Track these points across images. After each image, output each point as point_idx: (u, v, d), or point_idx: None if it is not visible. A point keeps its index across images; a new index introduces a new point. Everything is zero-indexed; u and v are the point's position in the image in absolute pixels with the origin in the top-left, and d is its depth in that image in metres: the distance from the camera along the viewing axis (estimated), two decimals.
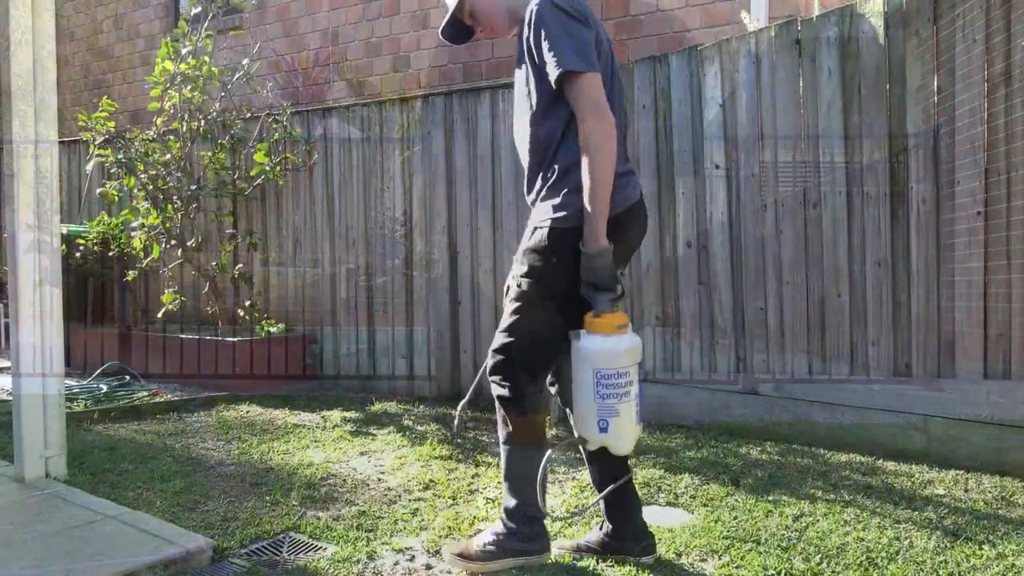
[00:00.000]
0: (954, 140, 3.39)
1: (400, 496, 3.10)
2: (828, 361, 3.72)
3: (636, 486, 3.13)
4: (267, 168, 5.40)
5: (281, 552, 2.56)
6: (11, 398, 3.27)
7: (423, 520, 2.82)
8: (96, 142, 5.38)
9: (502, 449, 2.42)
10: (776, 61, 3.79)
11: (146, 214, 5.41)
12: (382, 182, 5.12)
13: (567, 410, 2.49)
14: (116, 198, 5.71)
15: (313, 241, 5.45)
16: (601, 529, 2.51)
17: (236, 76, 5.45)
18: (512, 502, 2.39)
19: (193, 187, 5.41)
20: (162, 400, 4.79)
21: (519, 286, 2.31)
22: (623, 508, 2.47)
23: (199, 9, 5.40)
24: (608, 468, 2.43)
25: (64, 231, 5.55)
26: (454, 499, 3.05)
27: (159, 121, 5.47)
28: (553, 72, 2.15)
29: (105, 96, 5.97)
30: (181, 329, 5.73)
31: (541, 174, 2.30)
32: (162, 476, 3.32)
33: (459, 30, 2.52)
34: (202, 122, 5.35)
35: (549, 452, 2.34)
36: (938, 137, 3.44)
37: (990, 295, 3.34)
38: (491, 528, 2.45)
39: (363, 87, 7.25)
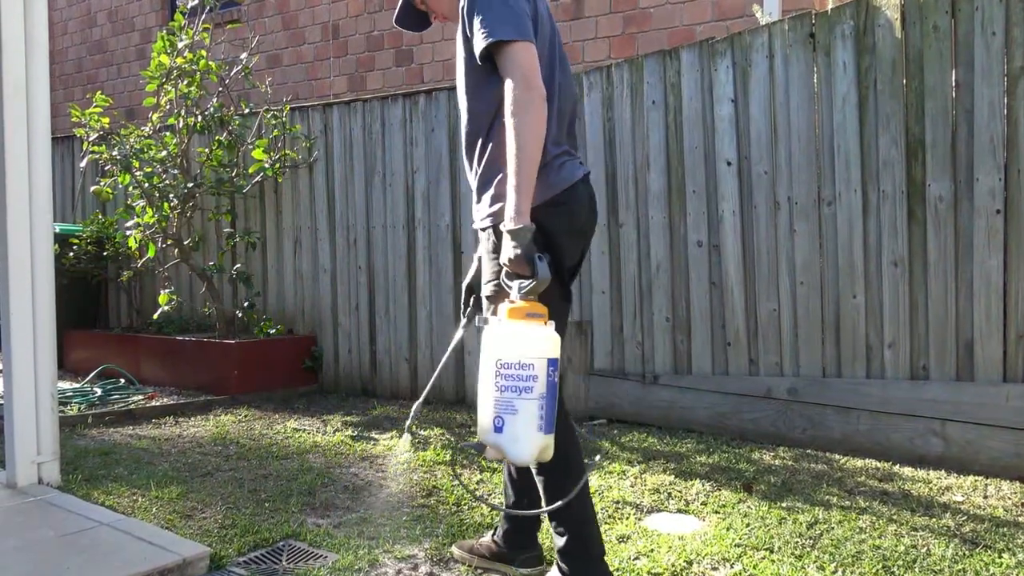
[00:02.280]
0: (972, 136, 3.33)
1: (403, 502, 3.04)
2: (843, 363, 3.65)
3: (646, 492, 3.08)
4: (266, 165, 5.32)
5: (280, 560, 2.50)
6: (2, 402, 3.20)
7: (426, 527, 2.76)
8: (90, 139, 5.29)
9: (538, 481, 2.18)
10: (790, 55, 3.72)
11: (141, 212, 5.32)
12: (384, 179, 5.04)
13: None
14: (111, 196, 5.62)
15: (313, 240, 5.37)
16: (494, 534, 2.45)
17: (234, 71, 5.37)
18: (561, 541, 2.17)
19: (190, 185, 5.32)
20: (158, 404, 4.72)
21: (487, 297, 2.14)
22: (524, 523, 2.39)
23: (196, 2, 5.32)
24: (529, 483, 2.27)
25: (57, 230, 5.46)
26: (458, 506, 2.99)
27: (155, 117, 5.38)
28: (481, 44, 2.00)
29: (99, 91, 5.88)
30: (178, 331, 5.66)
31: (479, 145, 2.16)
32: (158, 482, 3.26)
33: (416, 17, 2.39)
34: (199, 118, 5.27)
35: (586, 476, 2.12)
36: (956, 133, 3.37)
37: (1010, 295, 3.29)
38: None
39: (364, 82, 7.17)
